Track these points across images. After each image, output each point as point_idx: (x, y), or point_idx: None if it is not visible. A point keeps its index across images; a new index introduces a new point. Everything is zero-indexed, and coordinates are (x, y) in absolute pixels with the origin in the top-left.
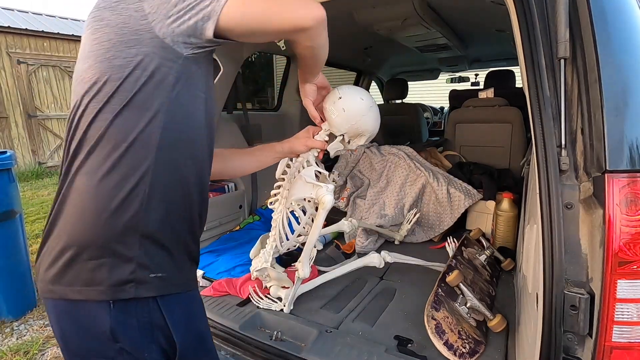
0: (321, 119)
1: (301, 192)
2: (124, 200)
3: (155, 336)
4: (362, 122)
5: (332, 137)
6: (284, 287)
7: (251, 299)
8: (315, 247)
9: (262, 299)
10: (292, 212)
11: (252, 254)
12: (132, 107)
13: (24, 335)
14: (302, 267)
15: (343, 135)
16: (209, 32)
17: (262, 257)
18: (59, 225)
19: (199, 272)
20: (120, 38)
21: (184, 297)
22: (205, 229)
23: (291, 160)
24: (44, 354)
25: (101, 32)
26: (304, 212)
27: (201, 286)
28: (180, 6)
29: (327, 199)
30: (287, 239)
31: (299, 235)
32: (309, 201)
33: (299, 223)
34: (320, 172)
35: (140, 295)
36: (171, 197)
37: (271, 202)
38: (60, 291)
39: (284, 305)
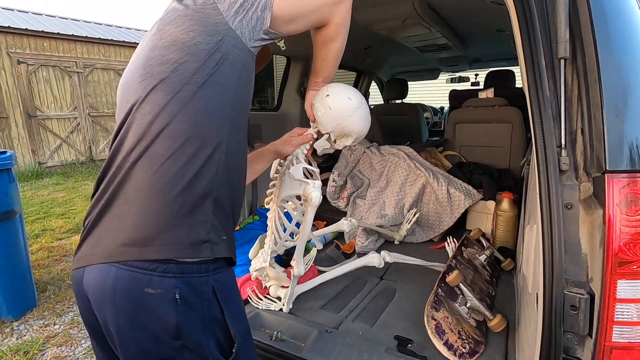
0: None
1: (289, 189)
2: (203, 166)
3: (214, 331)
4: (348, 122)
5: (321, 135)
6: (283, 286)
7: (250, 300)
8: (315, 247)
9: (261, 300)
10: (286, 213)
11: (251, 254)
12: (212, 82)
13: (24, 335)
14: (296, 265)
15: (329, 134)
16: (268, 21)
17: (260, 257)
18: (120, 202)
19: None
20: (203, 28)
21: (233, 283)
22: None
23: (284, 159)
24: (44, 354)
25: (187, 24)
26: (295, 210)
27: None
28: (244, 4)
29: (314, 196)
30: (280, 238)
31: (292, 234)
32: (301, 200)
33: (290, 221)
34: (313, 170)
35: (216, 254)
36: (233, 171)
37: (267, 202)
38: (135, 252)
39: (283, 305)
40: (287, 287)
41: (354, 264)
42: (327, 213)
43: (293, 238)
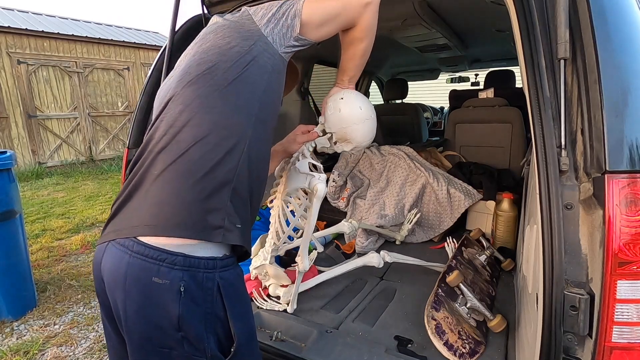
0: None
1: (295, 183)
2: (225, 155)
3: (215, 327)
4: (352, 129)
5: (325, 133)
6: (282, 285)
7: (254, 301)
8: (316, 249)
9: (266, 301)
10: (292, 212)
11: (252, 251)
12: (241, 80)
13: (24, 336)
14: (302, 260)
15: (332, 135)
16: (298, 27)
17: (261, 255)
18: (146, 184)
19: None
20: (238, 34)
21: (240, 283)
22: None
23: (289, 157)
24: (44, 354)
25: (224, 32)
26: (299, 205)
27: None
28: (276, 14)
29: (319, 187)
30: (284, 232)
31: (295, 229)
32: (304, 192)
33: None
34: (318, 165)
35: (228, 241)
36: (254, 163)
37: (271, 201)
38: (152, 230)
39: (287, 304)
40: (287, 285)
41: (354, 264)
42: (327, 213)
43: (296, 233)
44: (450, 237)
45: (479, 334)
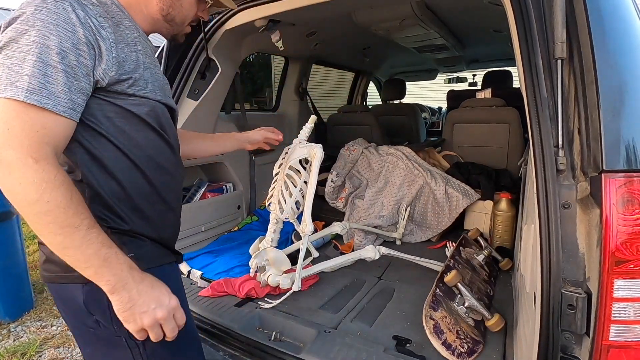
0: None
1: (297, 155)
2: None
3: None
4: None
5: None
6: (284, 272)
7: (263, 307)
8: (312, 255)
9: (272, 302)
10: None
11: (252, 249)
12: None
13: (21, 337)
14: (307, 224)
15: None
16: None
17: (263, 241)
18: None
19: (197, 273)
20: None
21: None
22: (203, 230)
23: (283, 157)
24: (41, 356)
25: None
26: (300, 178)
27: (199, 287)
28: None
29: (318, 151)
30: (286, 204)
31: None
32: (303, 165)
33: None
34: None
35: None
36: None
37: (269, 204)
38: (48, 276)
39: (292, 284)
40: (287, 271)
41: (351, 255)
42: (325, 213)
43: (297, 209)
44: (450, 242)
45: (477, 333)
